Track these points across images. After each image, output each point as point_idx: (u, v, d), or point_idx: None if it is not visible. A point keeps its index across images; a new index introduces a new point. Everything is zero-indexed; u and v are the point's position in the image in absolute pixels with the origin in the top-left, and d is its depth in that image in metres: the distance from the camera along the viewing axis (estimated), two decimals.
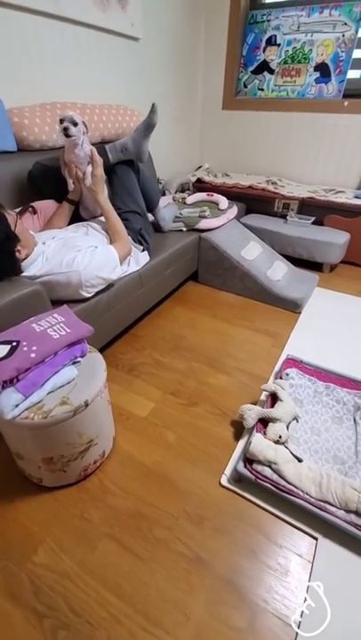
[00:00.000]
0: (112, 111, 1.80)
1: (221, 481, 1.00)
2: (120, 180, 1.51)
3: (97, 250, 1.19)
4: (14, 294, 0.93)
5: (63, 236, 1.25)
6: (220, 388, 1.33)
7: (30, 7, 1.38)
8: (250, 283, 1.88)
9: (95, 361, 0.96)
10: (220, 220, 1.98)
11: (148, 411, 1.22)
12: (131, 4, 1.85)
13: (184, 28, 2.36)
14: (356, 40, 2.26)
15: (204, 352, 1.52)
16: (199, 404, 1.26)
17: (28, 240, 1.10)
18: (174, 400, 1.27)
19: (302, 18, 2.35)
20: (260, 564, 0.84)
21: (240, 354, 1.51)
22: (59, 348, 0.86)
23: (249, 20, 2.51)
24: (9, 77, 1.43)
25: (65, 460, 0.91)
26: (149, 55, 2.15)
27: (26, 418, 0.78)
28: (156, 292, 1.67)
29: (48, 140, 1.48)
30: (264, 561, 0.85)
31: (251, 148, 2.82)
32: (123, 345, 1.54)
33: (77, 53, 1.69)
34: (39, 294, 1.00)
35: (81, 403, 0.84)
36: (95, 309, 1.26)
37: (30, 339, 0.84)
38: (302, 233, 2.19)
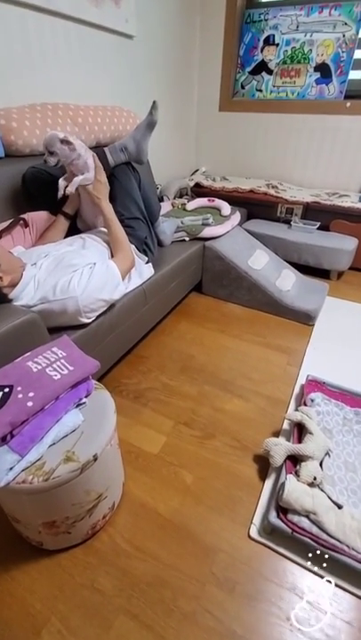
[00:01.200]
0: (107, 113, 1.67)
1: (251, 533, 0.87)
2: (121, 184, 1.38)
3: (95, 268, 1.05)
4: (5, 325, 0.79)
5: (56, 252, 1.10)
6: (238, 416, 1.20)
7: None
8: (258, 294, 1.77)
9: (102, 400, 0.82)
10: (225, 228, 1.87)
11: (160, 446, 1.09)
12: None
13: (179, 26, 2.25)
14: (357, 40, 2.18)
15: (215, 373, 1.39)
16: (216, 435, 1.13)
17: (10, 263, 0.95)
18: (188, 432, 1.14)
19: (301, 17, 2.27)
20: (305, 638, 0.71)
21: (254, 374, 1.39)
22: (61, 391, 0.72)
23: (246, 19, 2.41)
24: None
25: (70, 521, 0.77)
26: (143, 54, 2.03)
27: (23, 482, 0.64)
28: (161, 308, 1.54)
29: (39, 144, 1.33)
30: (308, 633, 0.72)
31: (249, 151, 2.72)
32: (126, 368, 1.41)
33: (69, 51, 1.56)
34: (34, 323, 0.86)
35: (89, 457, 0.70)
36: (97, 334, 1.12)
37: (26, 382, 0.70)
38: (308, 239, 2.09)
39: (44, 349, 0.79)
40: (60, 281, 0.98)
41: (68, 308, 0.97)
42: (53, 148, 1.09)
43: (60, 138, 1.08)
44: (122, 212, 1.36)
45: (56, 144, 1.09)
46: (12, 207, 1.27)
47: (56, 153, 1.10)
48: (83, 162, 1.16)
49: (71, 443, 0.71)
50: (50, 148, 1.09)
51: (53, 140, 1.08)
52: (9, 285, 0.92)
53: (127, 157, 1.40)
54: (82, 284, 0.99)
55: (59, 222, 1.25)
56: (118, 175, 1.39)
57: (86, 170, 1.17)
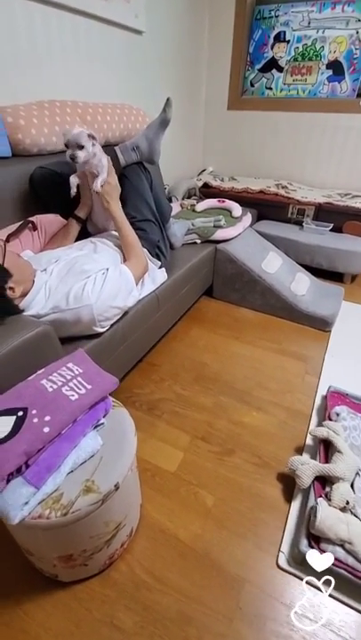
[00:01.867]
0: (116, 110, 1.61)
1: (279, 562, 0.81)
2: (132, 185, 1.32)
3: (108, 274, 0.99)
4: (16, 340, 0.73)
5: (67, 257, 1.04)
6: (257, 430, 1.14)
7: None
8: (272, 298, 1.71)
9: (121, 419, 0.76)
10: (237, 230, 1.81)
11: (177, 463, 1.03)
12: None
13: (187, 22, 2.19)
14: None
15: (231, 383, 1.33)
16: (235, 451, 1.07)
17: (23, 272, 0.89)
18: (206, 447, 1.08)
19: (313, 13, 2.20)
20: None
21: (272, 383, 1.33)
22: (78, 413, 0.66)
23: (256, 16, 2.35)
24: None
25: (87, 554, 0.71)
26: (152, 51, 1.96)
27: (39, 516, 0.58)
28: (173, 314, 1.48)
29: (47, 143, 1.27)
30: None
31: (258, 151, 2.66)
32: (138, 377, 1.35)
33: (76, 46, 1.49)
34: (47, 336, 0.80)
35: (110, 487, 0.64)
36: (110, 343, 1.06)
37: (41, 404, 0.63)
38: (321, 241, 2.03)
39: (59, 365, 0.73)
40: (73, 288, 0.91)
41: (83, 317, 0.91)
42: (83, 142, 1.03)
43: (87, 132, 1.03)
44: (133, 214, 1.30)
45: (84, 138, 1.03)
46: (20, 209, 1.21)
47: (86, 148, 1.04)
48: (98, 160, 1.10)
49: (90, 470, 0.65)
50: (80, 142, 1.02)
51: (82, 134, 1.03)
52: (21, 296, 0.86)
53: (139, 157, 1.33)
54: (95, 291, 0.93)
55: (70, 226, 1.19)
56: (129, 175, 1.33)
57: (101, 170, 1.11)
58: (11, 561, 0.81)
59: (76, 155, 1.03)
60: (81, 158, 1.04)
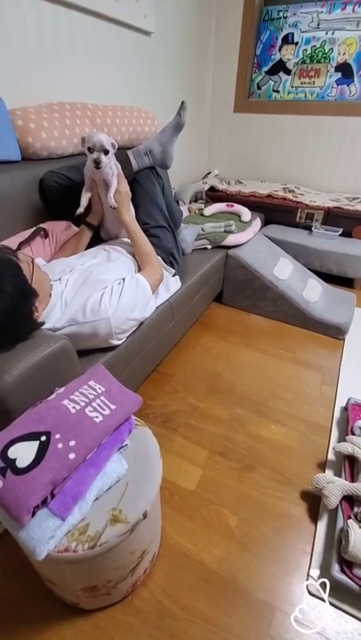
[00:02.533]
0: (126, 113, 1.57)
1: (310, 588, 0.77)
2: (144, 190, 1.28)
3: (124, 284, 0.95)
4: (35, 356, 0.69)
5: (82, 267, 1.00)
6: (276, 444, 1.10)
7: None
8: (284, 305, 1.67)
9: (144, 440, 0.72)
10: (247, 235, 1.77)
11: (196, 481, 0.99)
12: None
13: (195, 23, 2.16)
14: None
15: (246, 394, 1.29)
16: (255, 467, 1.03)
17: (45, 287, 0.85)
18: (225, 463, 1.04)
19: (323, 14, 2.18)
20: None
21: (288, 394, 1.30)
22: (104, 436, 0.62)
23: (264, 17, 2.32)
24: (8, 72, 1.19)
25: (112, 584, 0.67)
26: (160, 52, 1.93)
27: (65, 550, 0.54)
28: (185, 322, 1.44)
29: (57, 146, 1.24)
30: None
31: (264, 154, 2.63)
32: (151, 387, 1.31)
33: (85, 46, 1.46)
34: (66, 351, 0.76)
35: (138, 516, 0.60)
36: (126, 355, 1.02)
37: (65, 427, 0.59)
38: (331, 246, 2.00)
39: (80, 384, 0.69)
40: (90, 300, 0.87)
41: (100, 330, 0.87)
42: (109, 147, 1.01)
43: (111, 141, 1.02)
44: (146, 221, 1.26)
45: (110, 144, 1.02)
46: (29, 214, 1.17)
47: (110, 154, 1.02)
48: (109, 168, 1.07)
49: (116, 497, 0.61)
50: (105, 147, 1.01)
51: (108, 140, 1.01)
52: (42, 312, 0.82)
53: (152, 162, 1.30)
54: (113, 304, 0.89)
55: (82, 234, 1.15)
56: (142, 180, 1.30)
57: (112, 178, 1.07)
58: (29, 586, 0.77)
59: (101, 159, 1.00)
60: (104, 164, 1.02)
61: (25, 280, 0.73)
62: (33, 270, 0.77)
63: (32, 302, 0.74)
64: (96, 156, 1.01)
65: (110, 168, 1.07)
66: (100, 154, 1.01)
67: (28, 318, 0.73)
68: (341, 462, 0.99)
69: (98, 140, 1.00)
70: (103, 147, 1.01)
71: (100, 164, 1.01)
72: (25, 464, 0.54)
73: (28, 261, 0.78)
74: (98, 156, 1.01)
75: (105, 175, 1.07)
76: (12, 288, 0.67)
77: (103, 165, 1.02)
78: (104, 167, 1.03)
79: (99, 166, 1.01)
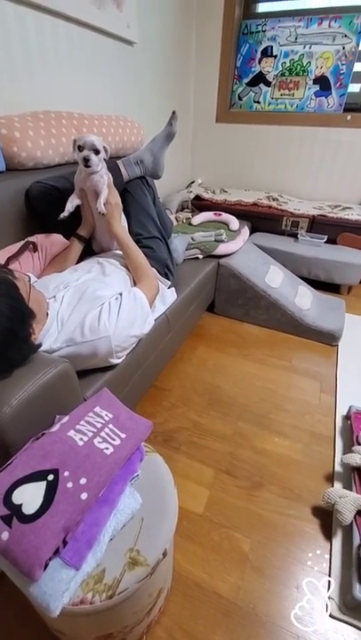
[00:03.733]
0: (112, 122, 1.54)
1: (331, 611, 0.74)
2: (136, 200, 1.25)
3: (122, 300, 0.90)
4: (36, 383, 0.63)
5: (76, 282, 0.95)
6: (282, 458, 1.08)
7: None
8: (277, 313, 1.67)
9: (156, 468, 0.67)
10: (238, 244, 1.77)
11: (204, 503, 0.94)
12: (127, 2, 1.61)
13: (176, 34, 2.16)
14: (356, 53, 2.17)
15: (247, 407, 1.26)
16: (264, 484, 1.00)
17: (42, 308, 0.79)
18: (232, 482, 1.00)
19: (300, 29, 2.24)
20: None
21: (288, 405, 1.28)
22: (116, 469, 0.57)
23: (243, 31, 2.36)
24: None
25: (128, 628, 0.61)
26: (142, 62, 1.91)
27: (81, 602, 0.49)
28: (181, 334, 1.41)
29: (44, 156, 1.18)
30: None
31: (247, 163, 2.66)
32: (149, 404, 1.26)
33: (70, 54, 1.42)
34: (67, 375, 0.70)
35: (158, 555, 0.55)
36: (126, 373, 0.97)
37: (73, 462, 0.54)
38: (318, 253, 2.03)
39: (85, 411, 0.64)
40: (88, 318, 0.82)
41: (100, 349, 0.82)
42: (100, 147, 0.98)
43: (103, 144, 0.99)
44: (139, 232, 1.23)
45: (101, 144, 0.98)
46: (15, 228, 1.11)
47: (100, 156, 0.99)
48: (100, 177, 1.03)
49: (132, 536, 0.56)
50: (96, 146, 0.97)
51: (99, 141, 0.98)
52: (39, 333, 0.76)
53: (142, 171, 1.27)
54: (112, 321, 0.84)
55: (72, 246, 1.10)
56: (133, 190, 1.26)
57: (102, 187, 1.03)
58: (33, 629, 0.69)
59: (90, 157, 0.97)
60: (94, 162, 0.98)
61: (22, 301, 0.67)
62: (30, 289, 0.72)
63: (29, 324, 0.69)
64: (86, 154, 0.97)
65: (101, 176, 1.03)
66: (90, 152, 0.97)
67: (26, 342, 0.68)
68: (350, 474, 0.97)
69: (89, 139, 0.97)
70: (94, 145, 0.97)
71: (89, 161, 0.97)
72: (32, 510, 0.48)
73: (25, 280, 0.73)
74: (87, 154, 0.97)
75: (95, 183, 1.03)
76: (8, 310, 0.62)
77: (93, 164, 0.98)
78: (94, 167, 0.99)
79: (88, 164, 0.98)
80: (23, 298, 0.67)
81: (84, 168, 0.99)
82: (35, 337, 0.70)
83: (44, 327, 0.78)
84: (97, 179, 1.03)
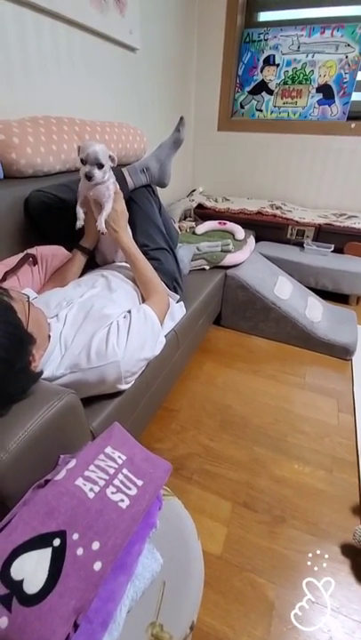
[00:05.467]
0: (114, 129, 1.48)
1: None
2: (142, 210, 1.18)
3: (131, 319, 0.82)
4: (37, 421, 0.55)
5: (80, 299, 0.86)
6: (304, 487, 0.99)
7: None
8: (287, 326, 1.60)
9: (175, 516, 0.59)
10: (245, 254, 1.70)
11: (222, 542, 0.85)
12: (129, 8, 1.57)
13: (178, 42, 2.13)
14: (360, 62, 2.15)
15: (262, 428, 1.18)
16: (286, 519, 0.91)
17: (42, 330, 0.71)
18: (252, 517, 0.91)
19: (302, 38, 2.22)
20: None
21: (306, 426, 1.20)
22: (134, 526, 0.48)
23: (245, 39, 2.34)
24: None
25: None
26: (145, 69, 1.87)
27: None
28: (189, 351, 1.32)
29: (44, 163, 1.11)
30: None
31: (249, 171, 2.62)
32: (156, 427, 1.17)
33: (70, 59, 1.36)
34: (73, 409, 0.62)
35: (185, 630, 0.46)
36: (134, 398, 0.89)
37: (83, 521, 0.45)
38: (326, 263, 1.97)
39: (95, 452, 0.55)
40: (95, 341, 0.74)
41: (108, 376, 0.74)
42: (104, 161, 0.89)
43: (109, 153, 0.90)
44: (145, 243, 1.15)
45: (106, 157, 0.89)
46: (14, 239, 1.03)
47: (105, 169, 0.90)
48: (105, 188, 0.95)
49: (152, 606, 0.47)
50: (100, 160, 0.88)
51: (105, 151, 0.89)
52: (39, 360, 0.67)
53: (148, 179, 1.20)
54: (122, 344, 0.76)
55: (75, 259, 1.02)
56: (138, 200, 1.20)
57: (107, 200, 0.95)
58: None
59: (93, 173, 0.88)
60: (97, 178, 0.89)
61: (20, 325, 0.59)
62: (29, 311, 0.64)
63: (28, 351, 0.60)
64: (88, 170, 0.89)
65: (107, 187, 0.95)
66: (93, 167, 0.89)
67: (25, 372, 0.59)
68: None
69: (93, 151, 0.88)
70: (97, 160, 0.88)
71: (92, 178, 0.89)
72: (36, 588, 0.39)
73: (23, 300, 0.64)
74: (90, 170, 0.89)
75: (99, 194, 0.95)
76: (5, 338, 0.53)
77: (95, 180, 0.90)
78: (97, 181, 0.91)
79: (90, 180, 0.90)
80: (21, 322, 0.59)
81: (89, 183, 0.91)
82: (35, 364, 0.62)
83: (45, 352, 0.70)
84: (102, 190, 0.95)
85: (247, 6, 2.27)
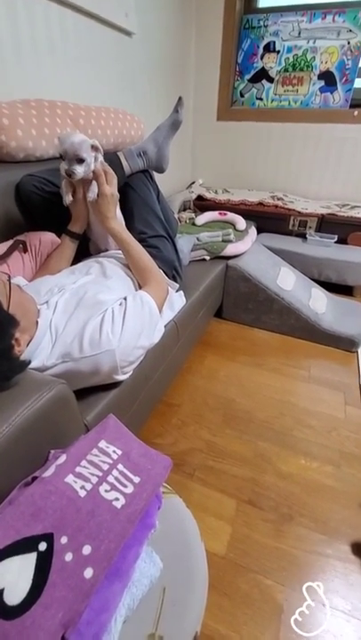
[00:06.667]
0: (110, 115, 1.42)
1: None
2: (139, 196, 1.13)
3: (127, 305, 0.77)
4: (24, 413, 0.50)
5: (73, 285, 0.82)
6: (311, 483, 0.95)
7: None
8: (291, 318, 1.55)
9: (176, 516, 0.54)
10: (246, 244, 1.65)
11: (227, 542, 0.81)
12: None
13: (175, 28, 2.07)
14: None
15: (266, 422, 1.13)
16: (294, 517, 0.86)
17: (29, 314, 0.66)
18: (257, 515, 0.87)
19: (303, 23, 2.15)
20: None
21: (312, 420, 1.15)
22: (130, 528, 0.43)
23: (244, 25, 2.28)
24: None
25: None
26: (141, 55, 1.81)
27: None
28: (189, 342, 1.28)
29: (36, 147, 1.06)
30: None
31: (250, 162, 2.56)
32: (156, 422, 1.12)
33: (64, 42, 1.31)
34: (64, 400, 0.57)
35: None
36: (133, 391, 0.84)
37: (73, 522, 0.41)
38: (329, 253, 1.92)
39: (88, 446, 0.50)
40: (88, 328, 0.69)
41: (103, 366, 0.69)
42: (84, 155, 0.80)
43: (91, 143, 0.82)
44: (143, 230, 1.10)
45: (87, 150, 0.81)
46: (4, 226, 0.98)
47: (87, 162, 0.82)
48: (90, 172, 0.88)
49: (151, 615, 0.43)
50: (80, 155, 0.80)
51: (85, 144, 0.81)
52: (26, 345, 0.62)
53: (146, 164, 1.15)
54: (117, 332, 0.71)
55: (64, 245, 0.96)
56: (135, 185, 1.14)
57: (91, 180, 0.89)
58: None
59: (73, 170, 0.80)
60: (79, 175, 0.82)
61: (1, 305, 0.54)
62: (10, 291, 0.59)
63: (10, 334, 0.55)
64: (67, 168, 0.81)
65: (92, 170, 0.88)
66: (72, 163, 0.81)
67: (7, 357, 0.54)
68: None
69: (70, 145, 0.79)
70: (77, 155, 0.80)
71: (72, 175, 0.81)
72: (18, 599, 0.35)
73: (3, 280, 0.59)
74: (70, 167, 0.81)
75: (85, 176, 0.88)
76: None
77: (77, 177, 0.82)
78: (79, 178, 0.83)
79: (71, 178, 0.82)
80: (2, 302, 0.54)
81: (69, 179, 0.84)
82: (19, 349, 0.57)
83: (33, 339, 0.65)
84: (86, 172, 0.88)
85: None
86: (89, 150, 0.83)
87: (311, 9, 2.11)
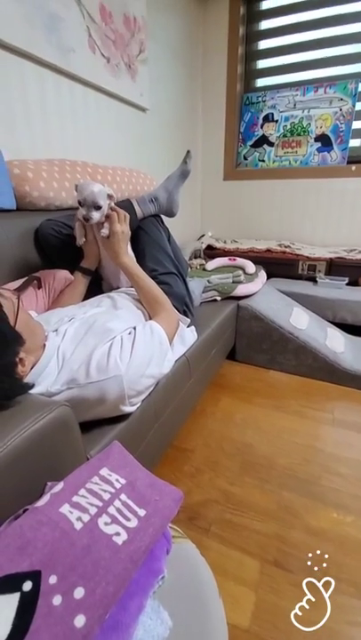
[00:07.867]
0: (126, 173, 1.56)
1: None
2: (150, 237, 1.17)
3: (136, 333, 0.76)
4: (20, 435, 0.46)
5: (83, 315, 0.82)
6: (347, 540, 0.81)
7: (36, 56, 1.17)
8: (308, 358, 1.48)
9: (189, 564, 0.46)
10: (257, 285, 1.66)
11: (250, 612, 0.67)
12: (140, 75, 1.76)
13: (184, 105, 2.36)
14: (354, 113, 2.30)
15: (289, 470, 1.02)
16: (330, 581, 0.73)
17: (36, 336, 0.66)
18: (285, 578, 0.73)
19: (298, 97, 2.42)
20: None
21: (341, 467, 1.03)
22: (133, 570, 0.36)
23: (245, 102, 2.58)
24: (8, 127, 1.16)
25: None
26: (155, 126, 2.05)
27: None
28: (202, 382, 1.22)
29: (56, 197, 1.15)
30: None
31: (256, 216, 2.71)
32: (167, 469, 1.03)
33: (86, 113, 1.49)
34: (65, 424, 0.53)
35: None
36: (141, 426, 0.79)
37: (65, 559, 0.34)
38: (342, 295, 1.90)
39: (88, 474, 0.45)
40: (96, 354, 0.67)
41: (109, 393, 0.65)
42: (101, 203, 0.88)
43: (107, 191, 0.90)
44: (154, 267, 1.13)
45: (104, 198, 0.89)
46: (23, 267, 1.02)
47: (102, 209, 0.89)
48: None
49: None
50: (98, 203, 0.88)
51: (102, 192, 0.89)
52: (30, 368, 0.60)
53: (157, 209, 1.22)
54: (125, 358, 0.68)
55: (77, 281, 0.99)
56: (147, 228, 1.20)
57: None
58: None
59: (91, 216, 0.88)
60: (95, 220, 0.89)
61: (5, 320, 0.53)
62: (18, 309, 0.58)
63: (15, 350, 0.54)
64: (85, 213, 0.89)
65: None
66: (90, 210, 0.88)
67: (8, 373, 0.52)
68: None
69: (90, 193, 0.87)
70: (95, 202, 0.88)
71: (89, 220, 0.89)
72: None
73: (12, 299, 0.60)
74: (88, 213, 0.88)
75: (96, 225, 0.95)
76: None
77: (93, 221, 0.90)
78: (95, 222, 0.90)
79: (88, 222, 0.90)
80: (6, 316, 0.53)
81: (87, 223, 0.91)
82: (23, 370, 0.55)
83: (39, 363, 0.63)
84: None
85: (245, 75, 2.54)
86: (105, 198, 0.90)
87: (304, 84, 2.39)
